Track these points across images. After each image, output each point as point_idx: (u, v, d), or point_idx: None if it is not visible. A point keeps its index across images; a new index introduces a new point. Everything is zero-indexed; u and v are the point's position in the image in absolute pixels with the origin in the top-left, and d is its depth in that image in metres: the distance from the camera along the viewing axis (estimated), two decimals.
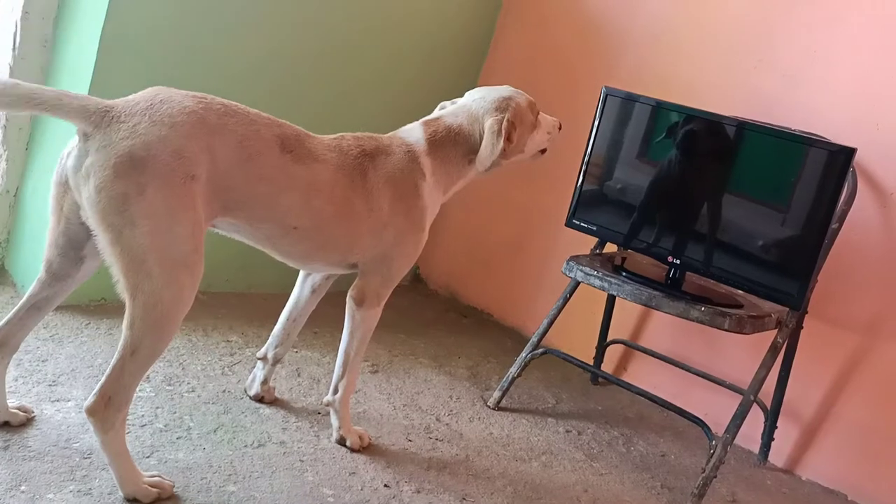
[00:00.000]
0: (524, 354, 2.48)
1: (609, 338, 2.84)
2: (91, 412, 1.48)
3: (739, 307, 2.21)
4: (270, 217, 1.69)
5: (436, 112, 2.01)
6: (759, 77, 2.61)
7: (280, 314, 2.11)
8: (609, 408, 2.66)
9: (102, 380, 1.49)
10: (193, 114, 1.53)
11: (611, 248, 2.63)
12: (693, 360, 2.67)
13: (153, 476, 1.59)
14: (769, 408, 2.46)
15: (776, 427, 2.47)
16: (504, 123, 1.90)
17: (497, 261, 3.29)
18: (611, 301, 2.80)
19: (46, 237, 1.61)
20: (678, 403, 2.27)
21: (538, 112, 2.04)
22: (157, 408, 1.92)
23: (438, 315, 3.18)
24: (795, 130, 2.26)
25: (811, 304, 2.35)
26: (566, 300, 2.51)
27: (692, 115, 2.30)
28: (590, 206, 2.49)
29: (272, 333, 2.10)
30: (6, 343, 1.66)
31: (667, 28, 2.84)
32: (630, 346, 2.85)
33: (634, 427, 2.55)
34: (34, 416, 1.75)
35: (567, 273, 2.36)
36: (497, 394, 2.45)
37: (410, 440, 2.10)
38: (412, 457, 2.01)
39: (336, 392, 1.97)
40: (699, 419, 2.20)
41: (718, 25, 2.72)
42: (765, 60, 2.60)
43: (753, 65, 2.62)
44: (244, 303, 2.73)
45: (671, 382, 2.70)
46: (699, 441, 2.53)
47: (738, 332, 2.12)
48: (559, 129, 2.11)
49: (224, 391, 2.09)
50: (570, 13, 3.09)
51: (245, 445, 1.86)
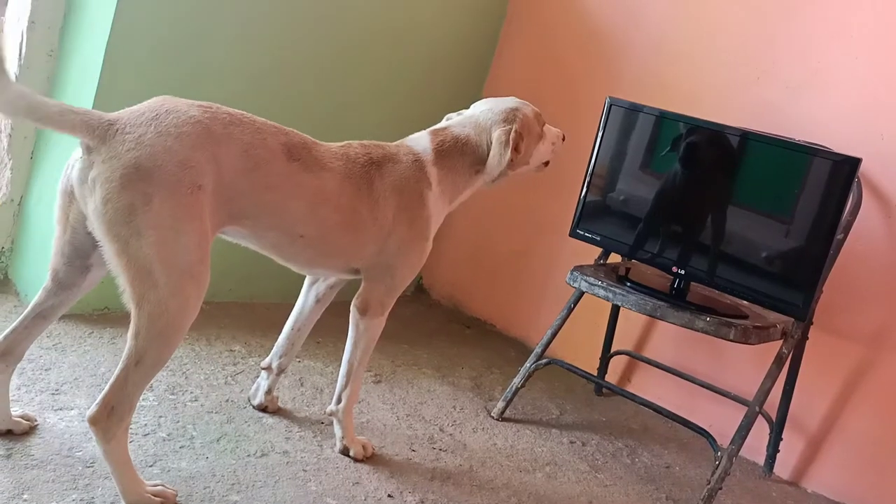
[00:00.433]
0: (528, 365, 2.47)
1: (613, 348, 2.83)
2: (93, 421, 1.47)
3: (744, 318, 2.20)
4: (277, 225, 1.69)
5: (443, 122, 2.02)
6: (763, 88, 2.61)
7: (283, 324, 2.11)
8: (613, 419, 2.65)
9: (105, 389, 1.49)
10: (199, 124, 1.53)
11: (615, 259, 2.63)
12: (698, 372, 2.66)
13: (156, 485, 1.59)
14: (774, 419, 2.44)
15: (781, 439, 2.46)
16: (512, 134, 1.91)
17: (500, 271, 3.28)
18: (615, 311, 2.79)
19: (52, 246, 1.61)
20: (683, 415, 2.26)
21: (544, 123, 2.05)
22: (161, 417, 1.92)
23: (441, 325, 3.17)
24: (800, 141, 2.26)
25: (816, 315, 2.35)
26: (570, 310, 2.51)
27: (696, 126, 2.30)
28: (594, 217, 2.49)
29: (276, 343, 2.10)
30: (11, 352, 1.66)
31: (670, 39, 2.84)
32: (634, 357, 2.84)
33: (639, 438, 2.54)
34: (37, 425, 1.75)
35: (571, 283, 2.36)
36: (501, 404, 2.44)
37: (414, 450, 2.09)
38: (416, 467, 2.00)
39: (339, 402, 1.96)
40: (704, 430, 2.19)
41: (722, 36, 2.72)
42: (768, 71, 2.61)
43: (757, 76, 2.63)
44: (247, 312, 2.73)
45: (675, 394, 2.68)
46: (704, 453, 2.51)
47: (744, 343, 2.11)
48: (563, 141, 2.12)
49: (227, 400, 2.09)
50: (574, 24, 3.10)
51: (248, 455, 1.85)
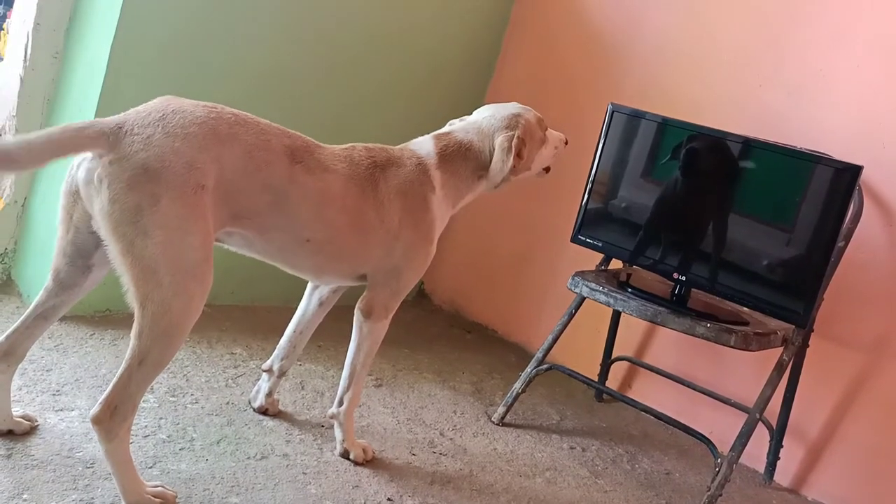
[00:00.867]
0: (529, 370, 2.47)
1: (614, 354, 2.82)
2: (96, 421, 1.47)
3: (745, 324, 2.20)
4: (282, 228, 1.69)
5: (446, 127, 2.02)
6: (765, 95, 2.62)
7: (284, 327, 2.11)
8: (614, 425, 2.65)
9: (109, 388, 1.49)
10: (205, 124, 1.54)
11: (616, 265, 2.63)
12: (698, 378, 2.66)
13: (156, 486, 1.59)
14: (775, 426, 2.44)
15: (782, 446, 2.46)
16: (514, 141, 1.92)
17: (502, 277, 3.29)
18: (616, 317, 2.79)
19: (55, 246, 1.61)
20: (683, 421, 2.26)
21: (546, 128, 2.06)
22: (161, 419, 1.92)
23: (443, 330, 3.17)
24: (801, 148, 2.26)
25: (817, 323, 2.35)
26: (571, 316, 2.51)
27: (698, 133, 2.30)
28: (595, 223, 2.49)
29: (278, 345, 2.10)
30: (12, 352, 1.66)
31: (673, 45, 2.85)
32: (635, 363, 2.85)
33: (639, 444, 2.54)
34: (38, 425, 1.75)
35: (572, 288, 2.36)
36: (501, 409, 2.44)
37: (414, 454, 2.09)
38: (416, 471, 2.00)
39: (341, 404, 1.96)
40: (704, 437, 2.19)
41: (724, 43, 2.73)
42: (770, 78, 2.61)
43: (759, 83, 2.63)
44: (249, 315, 2.73)
45: (676, 400, 2.68)
46: (704, 459, 2.51)
47: (744, 349, 2.11)
48: (565, 144, 2.12)
49: (228, 403, 2.09)
50: (577, 30, 3.12)
51: (248, 457, 1.86)
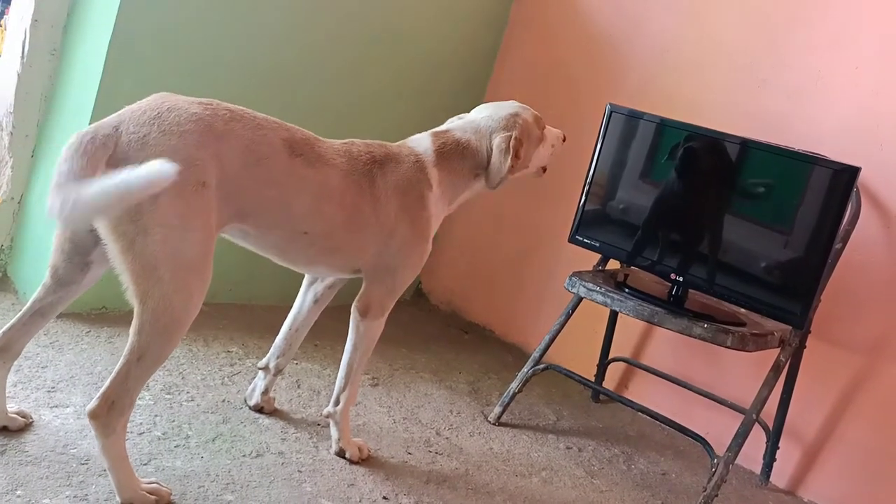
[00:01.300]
0: (526, 369, 2.47)
1: (611, 355, 2.82)
2: (93, 416, 1.47)
3: (742, 325, 2.20)
4: (281, 222, 1.69)
5: (444, 125, 2.02)
6: (763, 96, 2.62)
7: (281, 326, 2.11)
8: (610, 425, 2.64)
9: (106, 384, 1.49)
10: (201, 121, 1.54)
11: (613, 266, 2.63)
12: (695, 379, 2.66)
13: (151, 483, 1.58)
14: (771, 428, 2.44)
15: (778, 447, 2.46)
16: (512, 141, 1.92)
17: (499, 277, 3.28)
18: (613, 318, 2.79)
19: (52, 242, 1.61)
20: (679, 422, 2.26)
21: (544, 126, 2.06)
22: (156, 416, 1.91)
23: (440, 330, 3.17)
24: (799, 150, 2.26)
25: (814, 324, 2.35)
26: (568, 316, 2.51)
27: (696, 134, 2.30)
28: (593, 224, 2.49)
29: (274, 343, 2.10)
30: (9, 348, 1.66)
31: (672, 46, 2.85)
32: (632, 364, 2.84)
33: (635, 445, 2.53)
34: (32, 422, 1.74)
35: (569, 288, 2.36)
36: (498, 409, 2.44)
37: (410, 453, 2.08)
38: (411, 470, 2.00)
39: (337, 403, 1.96)
40: (701, 437, 2.19)
41: (723, 44, 2.73)
42: (769, 80, 2.61)
43: (757, 84, 2.64)
44: (245, 314, 2.73)
45: (672, 401, 2.68)
46: (700, 460, 2.51)
47: (741, 350, 2.11)
48: (563, 141, 2.12)
49: (223, 401, 2.09)
50: (576, 30, 3.12)
51: (243, 455, 1.85)
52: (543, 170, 2.13)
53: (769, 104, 2.61)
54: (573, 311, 2.51)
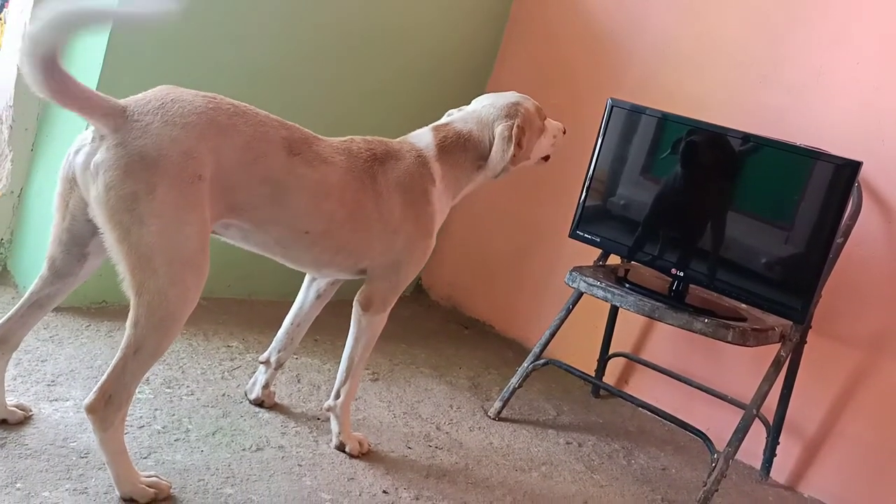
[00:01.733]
0: (526, 364, 2.47)
1: (611, 350, 2.82)
2: (91, 410, 1.47)
3: (743, 320, 2.20)
4: (279, 219, 1.68)
5: (444, 118, 2.01)
6: (765, 92, 2.62)
7: (281, 321, 2.10)
8: (610, 420, 2.64)
9: (103, 377, 1.48)
10: (204, 114, 1.53)
11: (614, 261, 2.63)
12: (695, 375, 2.66)
13: (150, 476, 1.58)
14: (771, 423, 2.44)
15: (778, 442, 2.45)
16: (514, 130, 1.91)
17: (499, 272, 3.28)
18: (613, 313, 2.79)
19: (50, 233, 1.61)
20: (680, 417, 2.26)
21: (545, 117, 2.05)
22: (156, 410, 1.91)
23: (440, 326, 3.17)
24: (801, 145, 2.26)
25: (815, 320, 2.34)
26: (569, 311, 2.51)
27: (697, 128, 2.30)
28: (593, 219, 2.49)
29: (275, 338, 2.10)
30: (7, 340, 1.66)
31: (673, 42, 2.85)
32: (632, 360, 2.84)
33: (635, 440, 2.53)
34: (32, 415, 1.74)
35: (570, 283, 2.35)
36: (498, 404, 2.44)
37: (410, 448, 2.08)
38: (411, 464, 2.00)
39: (338, 397, 1.96)
40: (701, 432, 2.19)
41: (724, 40, 2.73)
42: (770, 75, 2.61)
43: (759, 79, 2.63)
44: (245, 309, 2.73)
45: (673, 396, 2.68)
46: (700, 455, 2.51)
47: (742, 345, 2.11)
48: (563, 134, 2.12)
49: (223, 395, 2.08)
50: (577, 26, 3.11)
51: (243, 449, 1.85)
52: (546, 158, 2.12)
53: (770, 100, 2.60)
54: (573, 307, 2.51)
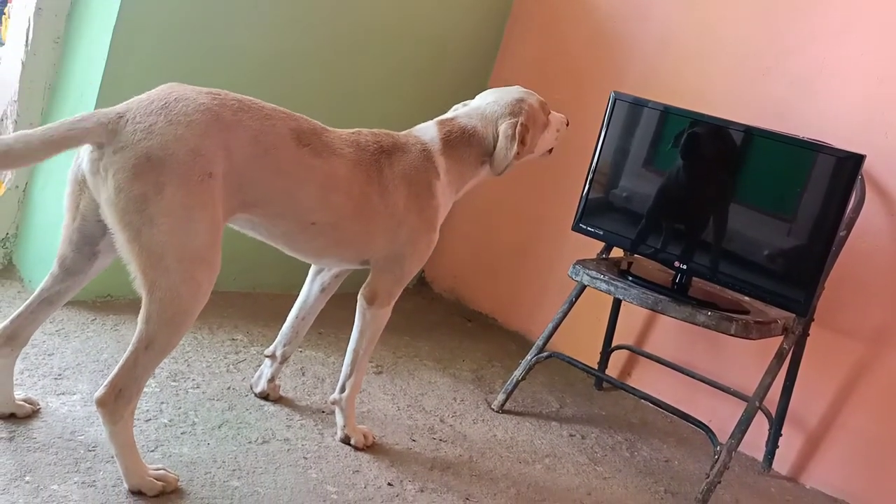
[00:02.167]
0: (529, 357, 2.48)
1: (614, 343, 2.83)
2: (101, 403, 1.48)
3: (746, 313, 2.21)
4: (289, 212, 1.69)
5: (449, 113, 2.02)
6: (768, 84, 2.62)
7: (286, 314, 2.11)
8: (613, 413, 2.66)
9: (114, 371, 1.50)
10: (209, 111, 1.53)
11: (617, 254, 2.63)
12: (698, 367, 2.67)
13: (158, 469, 1.59)
14: (774, 415, 2.45)
15: (781, 434, 2.47)
16: (518, 127, 1.92)
17: (502, 265, 3.29)
18: (616, 306, 2.80)
19: (61, 232, 1.62)
20: (682, 409, 2.27)
21: (549, 111, 2.06)
22: (162, 403, 1.93)
23: (443, 319, 3.18)
24: (804, 137, 2.26)
25: (818, 312, 2.35)
26: (572, 304, 2.51)
27: (699, 121, 2.30)
28: (596, 212, 2.49)
29: (281, 331, 2.11)
30: (16, 336, 1.67)
31: (675, 35, 2.85)
32: (635, 352, 2.85)
33: (638, 432, 2.55)
34: (40, 409, 1.76)
35: (573, 276, 2.36)
36: (501, 397, 2.45)
37: (414, 440, 2.09)
38: (416, 456, 2.01)
39: (343, 390, 1.97)
40: (704, 424, 2.20)
41: (727, 33, 2.72)
42: (773, 68, 2.61)
43: (762, 72, 2.63)
44: (250, 302, 2.74)
45: (675, 389, 2.69)
46: (703, 447, 2.52)
47: (745, 338, 2.12)
48: (566, 125, 2.12)
49: (229, 388, 2.10)
50: (579, 19, 3.11)
51: (249, 442, 1.86)
52: (550, 150, 2.13)
53: (773, 93, 2.60)
54: (576, 300, 2.52)
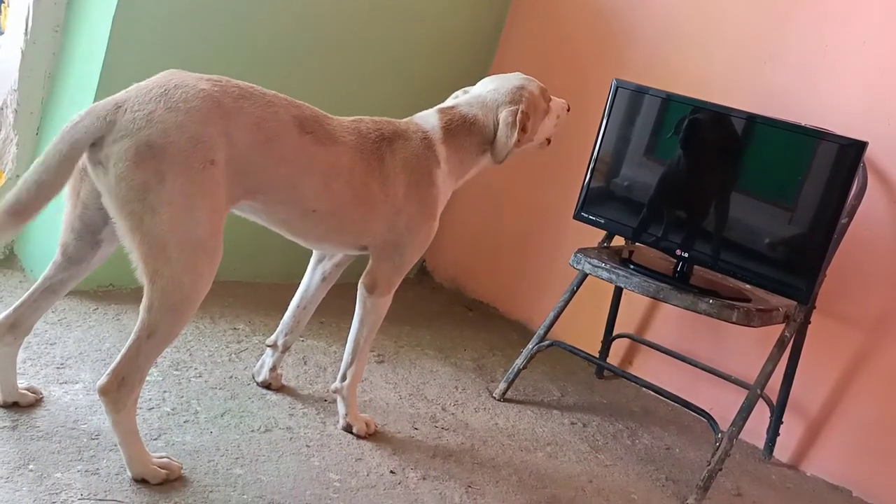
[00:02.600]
0: (531, 346, 2.48)
1: (615, 332, 2.83)
2: (104, 391, 1.49)
3: (747, 301, 2.21)
4: (291, 200, 1.69)
5: (450, 101, 2.01)
6: (770, 71, 2.61)
7: (286, 303, 2.11)
8: (614, 401, 2.66)
9: (116, 360, 1.50)
10: (209, 98, 1.53)
11: (618, 243, 2.63)
12: (699, 355, 2.67)
13: (162, 457, 1.60)
14: (775, 403, 2.45)
15: (782, 422, 2.47)
16: (518, 115, 1.91)
17: (503, 254, 3.29)
18: (617, 294, 2.80)
19: (62, 221, 1.61)
20: (684, 397, 2.27)
21: (549, 98, 2.05)
22: (165, 392, 1.93)
23: (444, 308, 3.18)
24: (806, 125, 2.26)
25: (819, 300, 2.35)
26: (573, 293, 2.51)
27: (701, 108, 2.30)
28: (598, 200, 2.49)
29: (282, 321, 2.11)
30: (19, 325, 1.67)
31: (677, 22, 2.83)
32: (636, 341, 2.85)
33: (639, 420, 2.55)
34: (42, 398, 1.76)
35: (575, 265, 2.36)
36: (503, 385, 2.46)
37: (416, 428, 2.10)
38: (418, 444, 2.02)
39: (344, 379, 1.97)
40: (705, 412, 2.20)
41: (729, 19, 2.71)
42: (775, 55, 2.60)
43: (764, 59, 2.62)
44: (251, 292, 2.74)
45: (677, 377, 2.69)
46: (704, 435, 2.53)
47: (746, 325, 2.12)
48: (567, 111, 2.12)
49: (231, 377, 2.10)
50: (581, 6, 3.09)
51: (252, 430, 1.87)
52: (548, 141, 2.12)
53: (775, 80, 2.60)
54: (578, 288, 2.52)
